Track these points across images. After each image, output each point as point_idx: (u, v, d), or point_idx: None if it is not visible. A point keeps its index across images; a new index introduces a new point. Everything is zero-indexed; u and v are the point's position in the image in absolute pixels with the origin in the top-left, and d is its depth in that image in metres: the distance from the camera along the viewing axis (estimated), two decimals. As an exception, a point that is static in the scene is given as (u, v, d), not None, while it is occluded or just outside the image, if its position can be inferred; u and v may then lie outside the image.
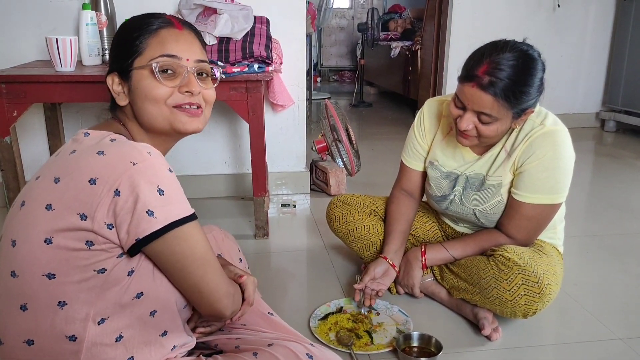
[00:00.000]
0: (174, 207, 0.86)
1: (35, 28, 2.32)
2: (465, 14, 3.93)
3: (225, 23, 2.09)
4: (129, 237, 0.85)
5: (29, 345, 0.88)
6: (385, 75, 6.06)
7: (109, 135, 0.93)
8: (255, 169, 2.08)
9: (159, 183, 0.85)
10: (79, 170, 0.86)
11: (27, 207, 0.89)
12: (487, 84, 1.29)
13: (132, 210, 0.83)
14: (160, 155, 0.90)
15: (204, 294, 0.94)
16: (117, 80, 1.00)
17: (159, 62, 0.96)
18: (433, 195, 1.64)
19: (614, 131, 4.24)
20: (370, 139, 4.07)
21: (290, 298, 1.76)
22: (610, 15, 4.19)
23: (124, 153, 0.86)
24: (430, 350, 1.39)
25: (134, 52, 0.97)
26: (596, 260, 2.01)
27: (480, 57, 1.31)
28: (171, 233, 0.86)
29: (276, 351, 1.04)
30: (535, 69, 1.31)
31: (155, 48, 0.97)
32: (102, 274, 0.87)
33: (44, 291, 0.86)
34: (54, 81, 1.85)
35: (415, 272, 1.60)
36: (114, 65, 1.01)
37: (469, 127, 1.37)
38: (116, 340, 0.90)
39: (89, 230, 0.84)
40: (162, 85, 0.97)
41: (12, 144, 1.89)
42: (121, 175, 0.83)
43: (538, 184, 1.42)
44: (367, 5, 7.73)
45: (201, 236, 0.92)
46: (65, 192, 0.85)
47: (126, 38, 0.99)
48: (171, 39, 0.98)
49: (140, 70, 0.97)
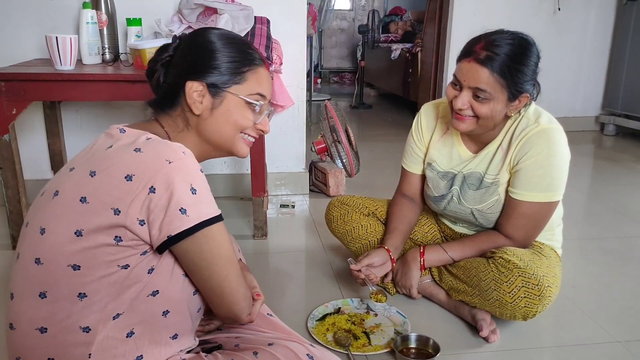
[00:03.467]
0: (204, 206, 0.89)
1: (36, 26, 2.32)
2: (466, 17, 3.93)
3: (225, 23, 2.09)
4: (161, 233, 0.87)
5: (41, 332, 0.89)
6: (385, 77, 6.06)
7: (145, 134, 0.95)
8: (254, 169, 2.08)
9: (192, 182, 0.88)
10: (115, 166, 0.88)
11: (60, 198, 0.90)
12: (483, 57, 1.33)
13: (166, 208, 0.86)
14: (193, 155, 0.92)
15: (225, 295, 0.96)
16: (202, 91, 1.01)
17: (255, 99, 1.05)
18: (431, 196, 1.64)
19: (614, 135, 4.24)
20: (370, 141, 4.06)
21: (288, 298, 1.75)
22: (610, 18, 4.20)
23: (160, 151, 0.89)
24: (427, 352, 1.38)
25: (235, 79, 1.02)
26: (595, 263, 2.01)
27: (479, 37, 1.38)
28: (201, 232, 0.89)
29: (277, 351, 1.04)
30: (531, 51, 1.37)
31: (254, 84, 1.04)
32: (125, 269, 0.89)
33: (67, 282, 0.87)
34: (53, 79, 1.85)
35: (413, 273, 1.60)
36: (200, 74, 1.01)
37: (464, 105, 1.39)
38: (127, 336, 0.91)
39: (121, 225, 0.86)
40: (248, 120, 1.06)
41: (11, 142, 1.88)
42: (157, 173, 0.86)
43: (534, 182, 1.43)
44: (368, 7, 7.74)
45: (227, 237, 0.95)
46: (100, 186, 0.87)
47: (229, 59, 1.02)
48: (265, 80, 1.07)
49: (235, 97, 1.03)
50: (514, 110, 1.42)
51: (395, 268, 1.64)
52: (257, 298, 1.09)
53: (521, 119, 1.46)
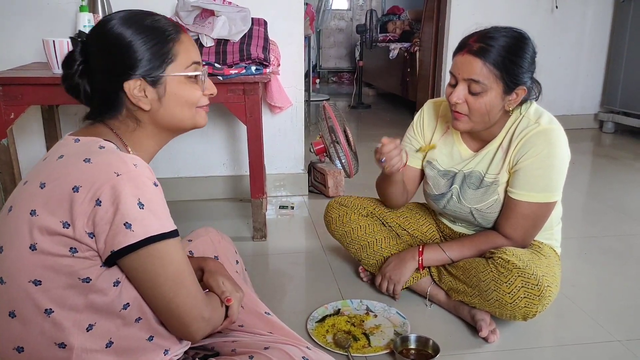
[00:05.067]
0: (153, 222, 0.85)
1: (33, 30, 2.32)
2: (464, 16, 3.93)
3: (222, 25, 2.09)
4: (105, 248, 0.84)
5: (19, 352, 0.87)
6: (383, 77, 6.06)
7: (99, 142, 0.91)
8: (253, 170, 2.08)
9: (140, 196, 0.84)
10: (64, 177, 0.85)
11: (13, 213, 0.88)
12: (477, 49, 1.36)
13: (111, 222, 0.82)
14: (147, 168, 0.88)
15: (173, 316, 0.92)
16: (141, 85, 0.95)
17: (194, 69, 0.99)
18: (431, 194, 1.64)
19: (612, 132, 4.24)
20: (369, 141, 4.05)
21: (288, 300, 1.75)
22: (608, 16, 4.20)
23: (110, 163, 0.85)
24: (427, 353, 1.38)
25: (166, 60, 0.96)
26: (594, 262, 2.01)
27: (473, 32, 1.41)
28: (146, 249, 0.84)
29: (272, 354, 1.04)
30: (526, 44, 1.39)
31: (184, 55, 0.98)
32: (87, 283, 0.86)
33: (31, 298, 0.85)
34: (51, 83, 1.85)
35: (406, 270, 1.59)
36: (130, 71, 0.94)
37: (459, 100, 1.39)
38: (106, 347, 0.89)
39: (71, 237, 0.83)
40: (197, 90, 1.00)
41: (9, 146, 1.88)
42: (103, 185, 0.83)
43: (532, 182, 1.43)
44: (366, 6, 7.74)
45: (177, 256, 0.89)
46: (49, 198, 0.85)
47: (149, 44, 0.94)
48: (190, 45, 1.00)
49: (176, 77, 0.97)
50: (512, 105, 1.42)
51: (389, 260, 1.63)
52: (228, 303, 1.04)
53: (522, 119, 1.46)
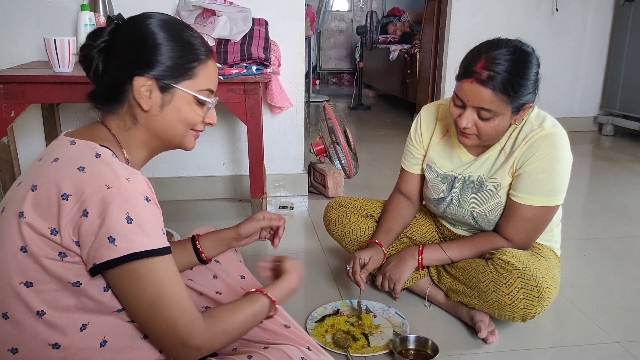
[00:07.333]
0: (140, 238, 0.83)
1: (34, 28, 2.32)
2: (464, 18, 3.93)
3: (223, 25, 2.09)
4: (88, 259, 0.84)
5: (13, 353, 0.87)
6: (383, 78, 6.06)
7: (95, 148, 0.90)
8: (253, 171, 2.08)
9: (129, 210, 0.82)
10: (55, 182, 0.84)
11: (5, 214, 0.88)
12: (485, 78, 1.31)
13: (96, 234, 0.82)
14: (143, 182, 0.87)
15: (151, 335, 0.92)
16: (150, 86, 0.93)
17: (206, 95, 1.00)
18: (431, 198, 1.64)
19: (612, 135, 4.25)
20: (369, 142, 4.07)
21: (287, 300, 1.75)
22: (608, 19, 4.20)
23: (102, 174, 0.84)
24: (426, 353, 1.39)
25: (185, 74, 0.96)
26: (593, 264, 2.01)
27: (478, 54, 1.34)
28: (127, 266, 0.83)
29: (271, 354, 1.03)
30: (531, 62, 1.35)
31: (204, 79, 0.98)
32: (78, 287, 0.86)
33: (22, 300, 0.85)
34: (51, 82, 1.85)
35: (406, 269, 1.58)
36: (147, 69, 0.93)
37: (469, 124, 1.38)
38: (101, 346, 0.89)
39: (58, 243, 0.83)
40: (199, 114, 1.00)
41: (10, 145, 1.88)
42: (92, 196, 0.82)
43: (536, 186, 1.42)
44: (366, 8, 7.74)
45: (159, 276, 0.85)
46: (39, 202, 0.84)
47: (176, 54, 0.94)
48: (213, 74, 1.01)
49: (186, 93, 0.97)
50: (519, 120, 1.42)
51: (389, 259, 1.63)
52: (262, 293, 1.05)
53: (524, 124, 1.45)
